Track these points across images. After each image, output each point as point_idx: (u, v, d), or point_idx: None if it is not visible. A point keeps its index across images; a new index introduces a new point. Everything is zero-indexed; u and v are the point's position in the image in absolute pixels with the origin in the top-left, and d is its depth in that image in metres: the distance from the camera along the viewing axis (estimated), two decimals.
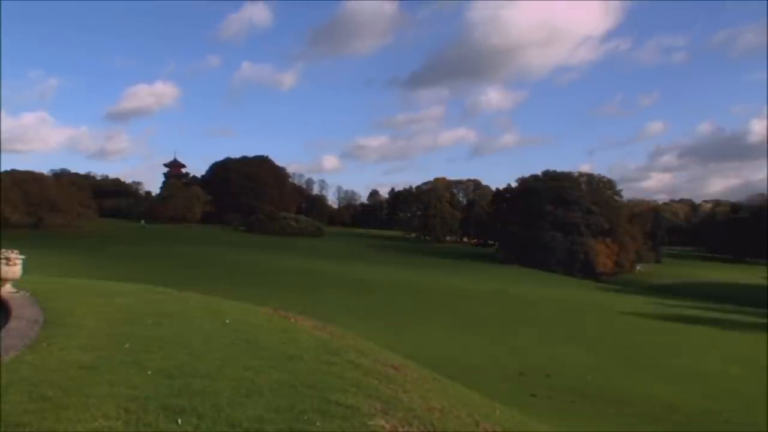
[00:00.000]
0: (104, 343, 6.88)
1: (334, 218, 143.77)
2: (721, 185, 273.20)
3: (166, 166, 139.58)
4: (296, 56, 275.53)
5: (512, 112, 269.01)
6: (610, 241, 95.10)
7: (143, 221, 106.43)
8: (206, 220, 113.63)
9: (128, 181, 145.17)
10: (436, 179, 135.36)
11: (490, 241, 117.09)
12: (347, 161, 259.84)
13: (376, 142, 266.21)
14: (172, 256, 63.60)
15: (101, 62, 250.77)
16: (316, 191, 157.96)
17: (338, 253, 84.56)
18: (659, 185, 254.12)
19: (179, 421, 4.40)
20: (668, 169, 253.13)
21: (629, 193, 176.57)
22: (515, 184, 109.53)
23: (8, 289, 10.06)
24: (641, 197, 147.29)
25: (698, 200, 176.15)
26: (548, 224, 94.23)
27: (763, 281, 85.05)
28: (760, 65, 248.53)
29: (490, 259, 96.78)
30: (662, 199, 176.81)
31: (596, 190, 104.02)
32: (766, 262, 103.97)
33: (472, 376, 17.16)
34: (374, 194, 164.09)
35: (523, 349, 29.46)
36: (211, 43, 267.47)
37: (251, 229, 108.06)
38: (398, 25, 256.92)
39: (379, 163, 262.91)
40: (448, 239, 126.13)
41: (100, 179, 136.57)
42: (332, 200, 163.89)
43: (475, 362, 23.67)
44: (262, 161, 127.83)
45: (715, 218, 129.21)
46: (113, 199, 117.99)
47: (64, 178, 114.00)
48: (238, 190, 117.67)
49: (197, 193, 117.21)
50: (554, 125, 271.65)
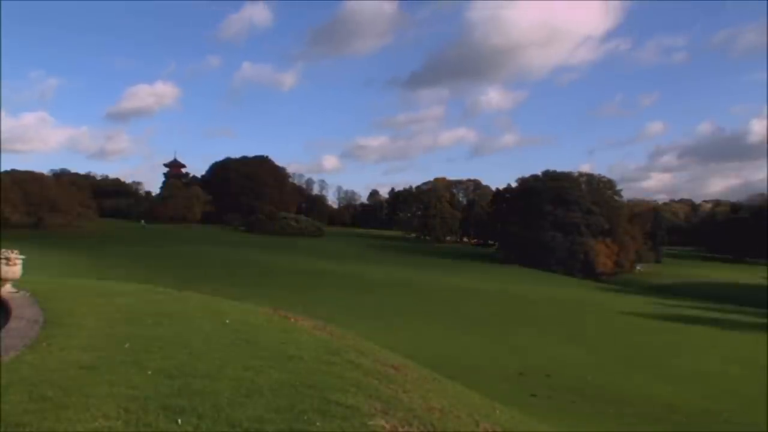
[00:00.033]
0: (104, 343, 6.88)
1: (334, 218, 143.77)
2: (721, 185, 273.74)
3: (166, 166, 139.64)
4: (296, 56, 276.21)
5: (512, 112, 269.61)
6: (610, 241, 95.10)
7: (143, 221, 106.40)
8: (206, 220, 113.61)
9: (128, 181, 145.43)
10: (436, 179, 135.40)
11: (490, 241, 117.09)
12: (347, 161, 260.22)
13: (376, 142, 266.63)
14: (172, 256, 63.60)
15: (101, 62, 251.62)
16: (316, 191, 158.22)
17: (338, 253, 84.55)
18: (659, 185, 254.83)
19: (179, 421, 4.40)
20: (668, 169, 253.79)
21: (629, 193, 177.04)
22: (515, 184, 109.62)
23: (8, 289, 10.07)
24: (641, 197, 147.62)
25: (698, 200, 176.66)
26: (548, 224, 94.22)
27: (763, 281, 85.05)
28: (760, 65, 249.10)
29: (490, 259, 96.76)
30: (662, 199, 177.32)
31: (596, 190, 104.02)
32: (766, 262, 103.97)
33: (472, 376, 17.16)
34: (374, 194, 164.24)
35: (523, 349, 29.46)
36: (211, 43, 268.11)
37: (251, 229, 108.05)
38: (398, 25, 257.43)
39: (379, 163, 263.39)
40: (448, 239, 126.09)
41: (100, 179, 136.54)
42: (332, 200, 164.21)
43: (475, 362, 23.66)
44: (262, 161, 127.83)
45: (715, 218, 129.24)
46: (113, 199, 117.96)
47: (64, 178, 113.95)
48: (238, 190, 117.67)
49: (197, 193, 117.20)
50: (554, 125, 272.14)
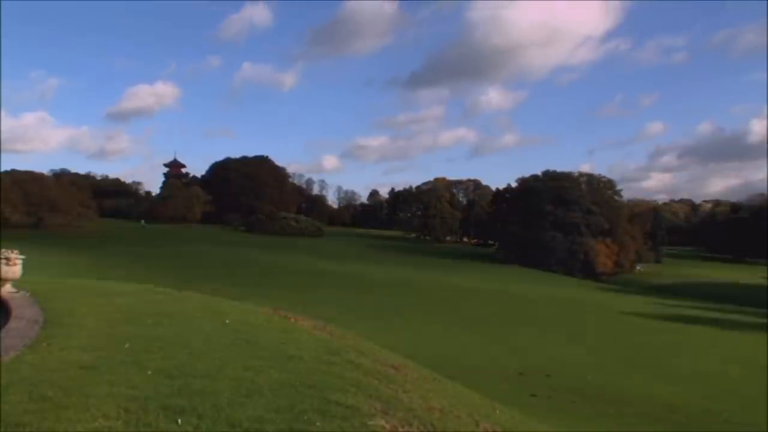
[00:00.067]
0: (104, 343, 6.88)
1: (334, 218, 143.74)
2: (721, 185, 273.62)
3: (166, 166, 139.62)
4: (297, 56, 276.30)
5: (512, 112, 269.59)
6: (610, 241, 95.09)
7: (143, 221, 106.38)
8: (206, 220, 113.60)
9: (128, 181, 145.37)
10: (436, 179, 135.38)
11: (490, 241, 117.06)
12: (347, 161, 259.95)
13: (376, 142, 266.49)
14: (172, 256, 63.60)
15: (102, 62, 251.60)
16: (316, 191, 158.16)
17: (338, 253, 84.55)
18: (659, 185, 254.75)
19: (179, 421, 4.40)
20: (668, 169, 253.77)
21: (629, 193, 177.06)
22: (515, 184, 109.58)
23: (8, 289, 10.06)
24: (641, 197, 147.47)
25: (698, 200, 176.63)
26: (548, 224, 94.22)
27: (763, 281, 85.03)
28: (760, 65, 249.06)
29: (490, 259, 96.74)
30: (662, 199, 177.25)
31: (596, 190, 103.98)
32: (766, 262, 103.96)
33: (472, 376, 17.16)
34: (374, 194, 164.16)
35: (523, 349, 29.47)
36: (211, 43, 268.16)
37: (251, 229, 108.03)
38: (398, 25, 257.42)
39: (379, 163, 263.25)
40: (448, 239, 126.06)
41: (100, 179, 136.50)
42: (332, 200, 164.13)
43: (475, 362, 23.66)
44: (262, 161, 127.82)
45: (715, 218, 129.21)
46: (113, 199, 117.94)
47: (64, 178, 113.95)
48: (238, 190, 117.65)
49: (197, 193, 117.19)
50: (554, 125, 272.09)
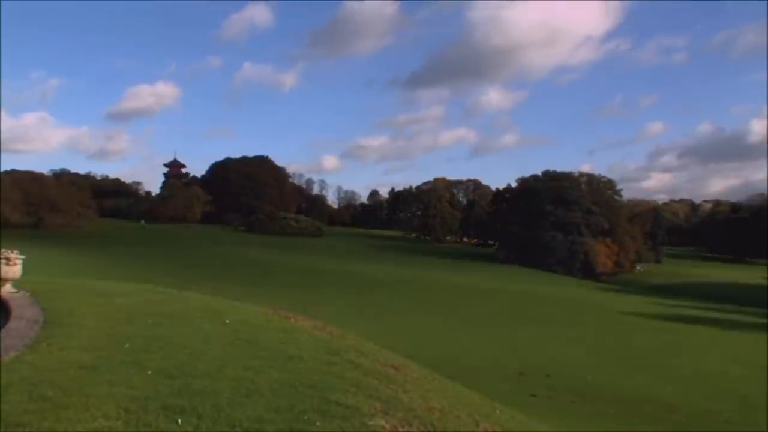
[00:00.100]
0: (104, 343, 6.88)
1: (334, 218, 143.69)
2: (721, 185, 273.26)
3: (166, 166, 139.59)
4: (297, 57, 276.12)
5: (512, 112, 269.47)
6: (610, 241, 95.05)
7: (143, 221, 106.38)
8: (206, 220, 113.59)
9: (128, 181, 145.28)
10: (436, 179, 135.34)
11: (490, 241, 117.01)
12: (347, 161, 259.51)
13: (376, 142, 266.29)
14: (172, 256, 63.63)
15: (102, 63, 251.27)
16: (316, 191, 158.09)
17: (338, 253, 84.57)
18: (659, 185, 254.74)
19: (179, 421, 4.40)
20: (668, 169, 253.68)
21: (629, 193, 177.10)
22: (515, 184, 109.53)
23: (8, 289, 10.06)
24: (641, 197, 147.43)
25: (698, 200, 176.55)
26: (548, 224, 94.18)
27: (763, 281, 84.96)
28: (760, 65, 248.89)
29: (490, 259, 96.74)
30: (662, 199, 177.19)
31: (596, 190, 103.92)
32: (766, 262, 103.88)
33: (472, 376, 17.16)
34: (374, 194, 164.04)
35: (523, 349, 29.48)
36: (212, 43, 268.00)
37: (251, 229, 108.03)
38: (398, 25, 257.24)
39: (379, 163, 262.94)
40: (448, 239, 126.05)
41: (100, 179, 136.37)
42: (332, 200, 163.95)
43: (475, 362, 23.68)
44: (262, 161, 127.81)
45: (715, 218, 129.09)
46: (113, 199, 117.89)
47: (64, 178, 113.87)
48: (238, 190, 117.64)
49: (197, 193, 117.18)
50: (554, 125, 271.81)
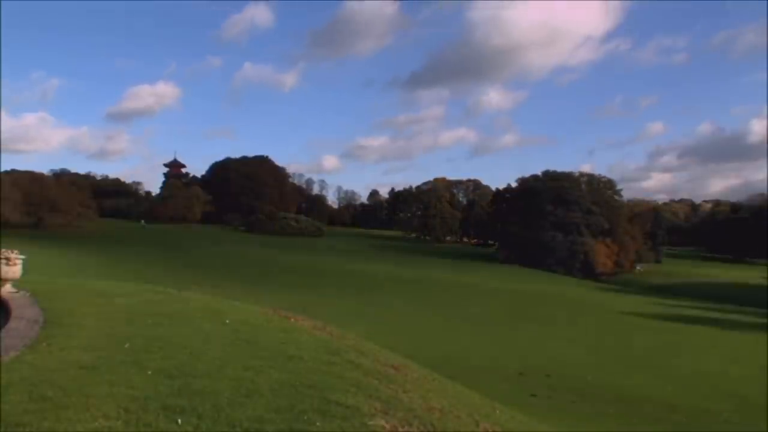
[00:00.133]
0: (104, 343, 6.87)
1: (334, 218, 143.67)
2: (721, 185, 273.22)
3: (166, 166, 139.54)
4: (297, 57, 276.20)
5: (512, 112, 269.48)
6: (610, 241, 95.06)
7: (143, 221, 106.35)
8: (206, 220, 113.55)
9: (128, 181, 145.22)
10: (436, 179, 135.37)
11: (490, 241, 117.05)
12: (347, 161, 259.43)
13: (376, 142, 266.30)
14: (172, 256, 63.64)
15: (102, 63, 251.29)
16: (316, 191, 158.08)
17: (338, 253, 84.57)
18: (659, 185, 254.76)
19: (179, 421, 4.40)
20: (668, 169, 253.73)
21: (629, 193, 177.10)
22: (515, 184, 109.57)
23: (8, 289, 10.05)
24: (641, 197, 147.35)
25: (698, 200, 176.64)
26: (548, 224, 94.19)
27: (763, 281, 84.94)
28: (760, 65, 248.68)
29: (490, 259, 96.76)
30: (662, 199, 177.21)
31: (596, 190, 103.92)
32: (766, 262, 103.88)
33: (472, 376, 17.16)
34: (374, 194, 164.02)
35: (523, 349, 29.48)
36: (212, 43, 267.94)
37: (251, 229, 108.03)
38: (399, 25, 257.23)
39: (379, 163, 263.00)
40: (448, 239, 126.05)
41: (100, 179, 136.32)
42: (332, 200, 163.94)
43: (475, 362, 23.67)
44: (262, 161, 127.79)
45: (715, 218, 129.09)
46: (113, 199, 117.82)
47: (64, 178, 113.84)
48: (238, 190, 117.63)
49: (197, 193, 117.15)
50: (554, 125, 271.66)
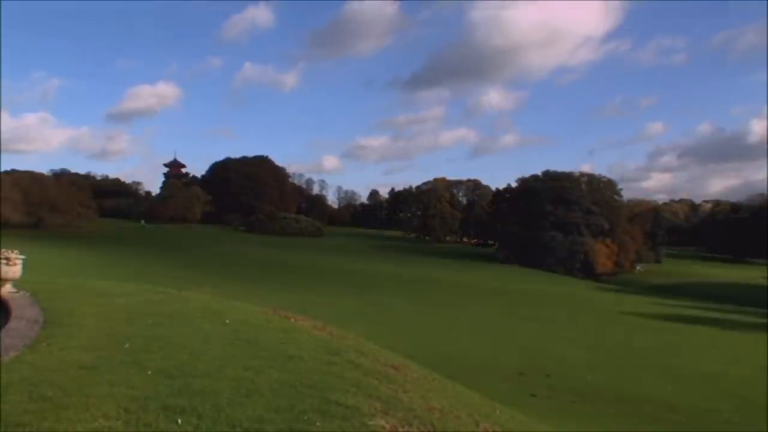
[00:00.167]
0: (104, 343, 6.87)
1: (334, 218, 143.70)
2: (721, 185, 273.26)
3: (166, 166, 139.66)
4: (298, 57, 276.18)
5: (513, 112, 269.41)
6: (610, 241, 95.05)
7: (143, 221, 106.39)
8: (206, 220, 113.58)
9: (128, 181, 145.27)
10: (436, 179, 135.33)
11: (490, 241, 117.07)
12: (347, 161, 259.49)
13: (376, 142, 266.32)
14: (172, 256, 63.64)
15: (103, 63, 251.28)
16: (316, 191, 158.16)
17: (338, 253, 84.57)
18: (659, 185, 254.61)
19: (179, 421, 4.40)
20: (668, 169, 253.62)
21: (629, 193, 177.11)
22: (515, 184, 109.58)
23: (8, 289, 10.05)
24: (641, 197, 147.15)
25: (698, 200, 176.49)
26: (548, 224, 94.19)
27: (763, 281, 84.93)
28: (760, 66, 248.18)
29: (490, 259, 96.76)
30: (662, 199, 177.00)
31: (596, 190, 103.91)
32: (766, 262, 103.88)
33: (472, 376, 17.16)
34: (374, 194, 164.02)
35: (523, 348, 29.46)
36: (213, 43, 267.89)
37: (251, 229, 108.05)
38: (399, 26, 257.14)
39: (379, 163, 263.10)
40: (448, 239, 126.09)
41: (100, 179, 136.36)
42: (332, 200, 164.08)
43: (475, 362, 23.66)
44: (262, 161, 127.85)
45: (715, 218, 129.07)
46: (113, 199, 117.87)
47: (64, 178, 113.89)
48: (238, 190, 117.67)
49: (197, 193, 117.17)
50: (554, 125, 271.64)
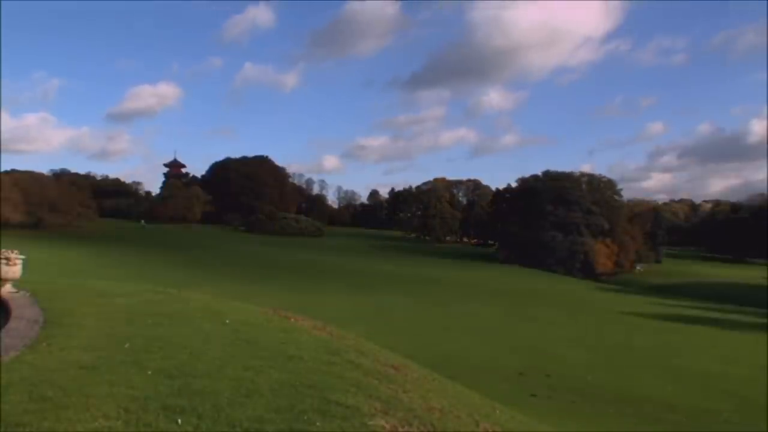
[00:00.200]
0: (104, 343, 6.87)
1: (334, 218, 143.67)
2: (721, 185, 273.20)
3: (166, 166, 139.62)
4: (298, 57, 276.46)
5: (513, 112, 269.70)
6: (610, 241, 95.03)
7: (143, 221, 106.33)
8: (206, 220, 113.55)
9: (128, 181, 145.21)
10: (436, 179, 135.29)
11: (490, 241, 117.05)
12: (347, 161, 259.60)
13: (376, 142, 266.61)
14: (172, 256, 63.62)
15: (103, 63, 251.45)
16: (316, 191, 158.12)
17: (338, 253, 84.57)
18: (659, 185, 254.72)
19: (179, 421, 4.40)
20: (668, 169, 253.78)
21: (629, 193, 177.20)
22: (515, 184, 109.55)
23: (8, 289, 10.05)
24: (641, 197, 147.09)
25: (698, 200, 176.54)
26: (548, 224, 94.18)
27: (763, 281, 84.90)
28: (760, 65, 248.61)
29: (490, 259, 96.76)
30: (662, 199, 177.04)
31: (596, 190, 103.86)
32: (766, 262, 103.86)
33: (472, 376, 17.17)
34: (374, 194, 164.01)
35: (523, 349, 29.46)
36: (213, 44, 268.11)
37: (251, 229, 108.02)
38: (399, 26, 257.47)
39: (379, 163, 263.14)
40: (448, 239, 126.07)
41: (100, 179, 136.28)
42: (332, 200, 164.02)
43: (475, 362, 23.67)
44: (262, 161, 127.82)
45: (715, 218, 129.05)
46: (113, 199, 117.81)
47: (64, 178, 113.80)
48: (238, 190, 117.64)
49: (197, 193, 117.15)
50: (554, 125, 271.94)
